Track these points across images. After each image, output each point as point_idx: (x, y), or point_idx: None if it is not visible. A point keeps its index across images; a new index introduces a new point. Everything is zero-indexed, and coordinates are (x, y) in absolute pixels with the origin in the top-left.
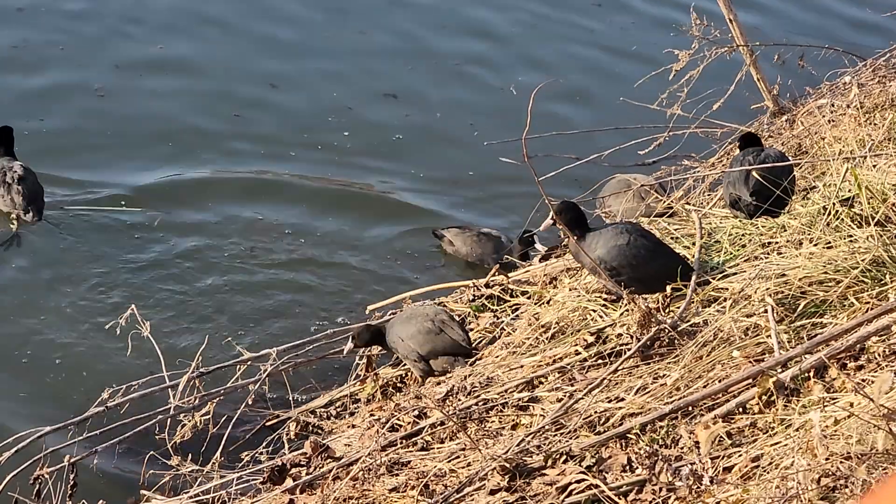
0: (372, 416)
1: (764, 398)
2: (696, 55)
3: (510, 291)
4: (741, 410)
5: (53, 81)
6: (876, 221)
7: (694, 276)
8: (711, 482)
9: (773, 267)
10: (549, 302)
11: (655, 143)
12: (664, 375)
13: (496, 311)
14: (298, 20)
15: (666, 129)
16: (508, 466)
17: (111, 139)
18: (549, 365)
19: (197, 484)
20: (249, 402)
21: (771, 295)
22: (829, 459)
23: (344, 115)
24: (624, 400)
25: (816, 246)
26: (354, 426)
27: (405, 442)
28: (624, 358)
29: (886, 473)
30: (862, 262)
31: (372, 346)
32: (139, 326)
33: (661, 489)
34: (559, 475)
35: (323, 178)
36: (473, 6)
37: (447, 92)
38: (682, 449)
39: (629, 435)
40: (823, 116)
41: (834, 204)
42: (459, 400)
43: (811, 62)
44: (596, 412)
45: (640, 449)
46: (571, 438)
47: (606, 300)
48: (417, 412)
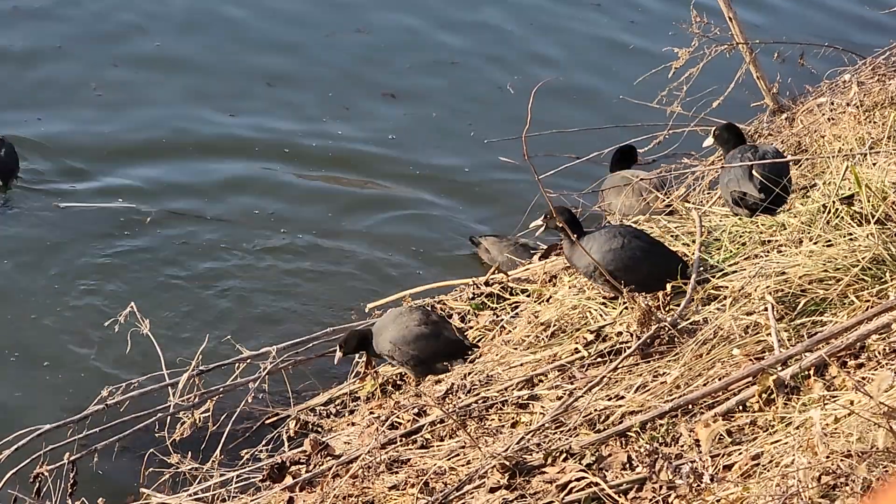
0: (371, 413)
1: (764, 396)
2: (695, 53)
3: (510, 289)
4: (741, 408)
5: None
6: (876, 219)
7: (694, 274)
8: (712, 480)
9: (773, 265)
10: (548, 300)
11: (655, 141)
12: (664, 373)
13: (496, 309)
14: (296, 18)
15: (665, 127)
16: (508, 464)
17: (108, 134)
18: (548, 363)
19: (197, 482)
20: (249, 399)
21: (771, 293)
22: (829, 457)
23: (340, 114)
24: (624, 398)
25: (816, 244)
26: (354, 424)
27: (405, 440)
28: (624, 356)
29: (887, 472)
30: (862, 260)
31: (360, 352)
32: (138, 324)
33: (661, 487)
34: (559, 473)
35: (321, 176)
36: (471, 5)
37: (445, 91)
38: (682, 447)
39: (629, 433)
40: (823, 115)
41: (834, 202)
42: (459, 398)
43: (811, 60)
44: (596, 410)
45: (640, 447)
46: (571, 436)
47: (606, 297)
48: (417, 410)
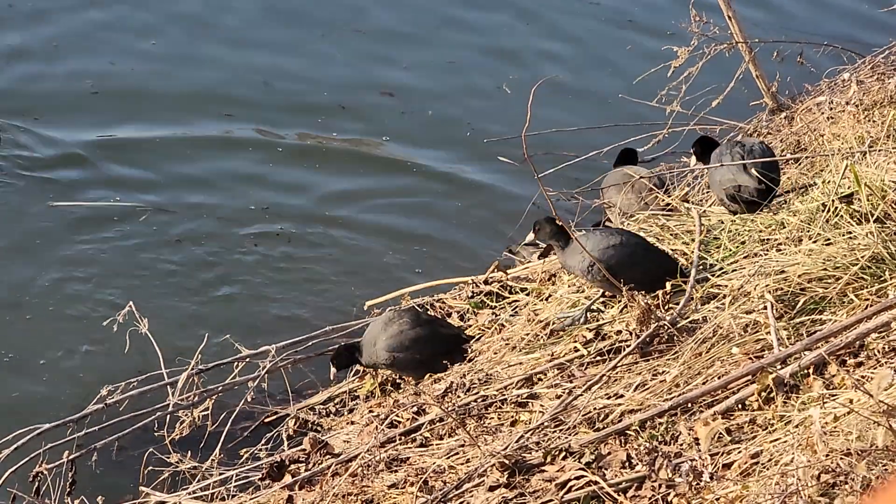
0: (371, 412)
1: (763, 395)
2: (694, 52)
3: (509, 288)
4: (740, 407)
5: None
6: (875, 218)
7: (693, 272)
8: (711, 479)
9: (772, 264)
10: (548, 298)
11: (654, 140)
12: (663, 372)
13: (495, 307)
14: (293, 17)
15: (664, 126)
16: (507, 463)
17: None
18: (548, 361)
19: (196, 481)
20: (248, 398)
21: (770, 292)
22: (828, 456)
23: (337, 113)
24: (623, 396)
25: (816, 243)
26: (353, 423)
27: (404, 438)
28: (623, 354)
29: (886, 470)
30: (861, 258)
31: (352, 365)
32: (137, 323)
33: (660, 486)
34: (558, 472)
35: (318, 175)
36: (468, 4)
37: (442, 89)
38: (681, 445)
39: (628, 431)
40: (822, 113)
41: (833, 201)
42: (458, 396)
43: (810, 59)
44: (595, 409)
45: (639, 445)
46: (570, 435)
47: (604, 296)
48: (416, 409)
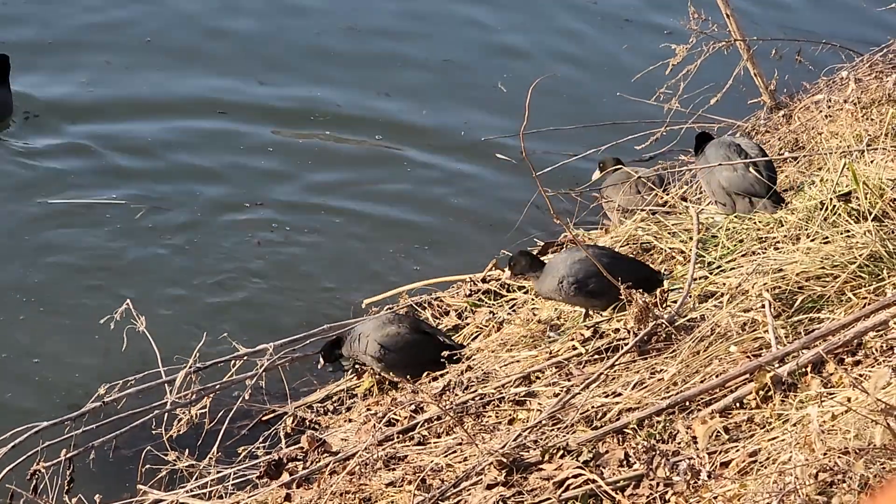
0: (369, 410)
1: (761, 393)
2: (693, 50)
3: (507, 286)
4: (738, 405)
5: None
6: (873, 216)
7: (691, 270)
8: (709, 477)
9: (770, 262)
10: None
11: (652, 138)
12: (661, 370)
13: (493, 306)
14: (287, 16)
15: (663, 124)
16: (505, 461)
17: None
18: (545, 360)
19: (193, 479)
20: (246, 396)
21: (768, 290)
22: (826, 454)
23: (333, 111)
24: (621, 395)
25: (814, 241)
26: (351, 420)
27: (402, 436)
28: (621, 353)
29: (884, 469)
30: (859, 257)
31: (339, 358)
32: (134, 321)
33: (658, 484)
34: (556, 470)
35: (314, 174)
36: (464, 3)
37: (439, 87)
38: (679, 444)
39: (626, 430)
40: (820, 112)
41: (831, 199)
42: (456, 395)
43: (808, 57)
44: (593, 407)
45: (637, 444)
46: (568, 433)
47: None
48: (414, 407)
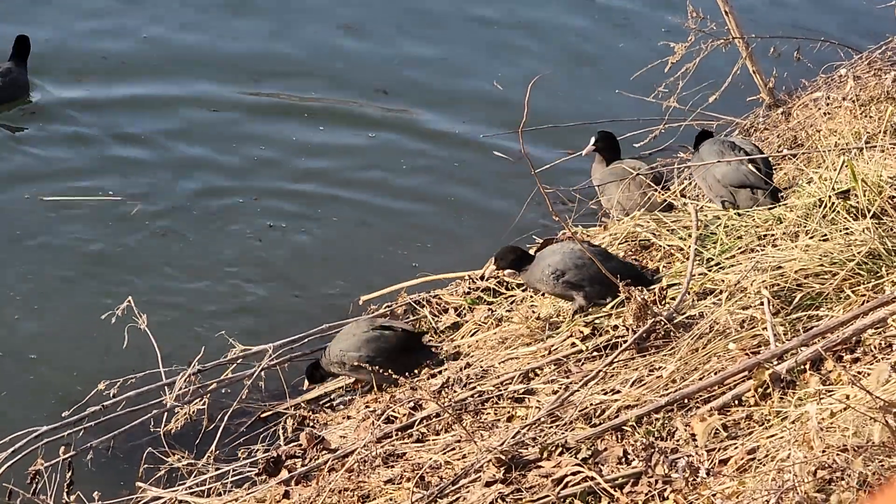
0: (367, 407)
1: (760, 390)
2: (692, 47)
3: (506, 284)
4: (737, 403)
5: None
6: (872, 214)
7: (690, 267)
8: (708, 474)
9: (768, 259)
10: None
11: (651, 135)
12: (660, 368)
13: (492, 303)
14: (282, 14)
15: (661, 121)
16: (504, 458)
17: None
18: (544, 357)
19: (192, 476)
20: (244, 396)
21: (767, 287)
22: (825, 452)
23: (330, 109)
24: (620, 392)
25: (812, 238)
26: (350, 418)
27: (401, 434)
28: (620, 350)
29: (883, 466)
30: (858, 254)
31: (323, 379)
32: (135, 318)
33: (657, 481)
34: (555, 467)
35: (311, 171)
36: (459, 1)
37: (437, 85)
38: (677, 441)
39: (625, 427)
40: (819, 109)
41: (830, 196)
42: (455, 392)
43: (807, 55)
44: (591, 404)
45: (635, 441)
46: (567, 430)
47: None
48: (413, 404)
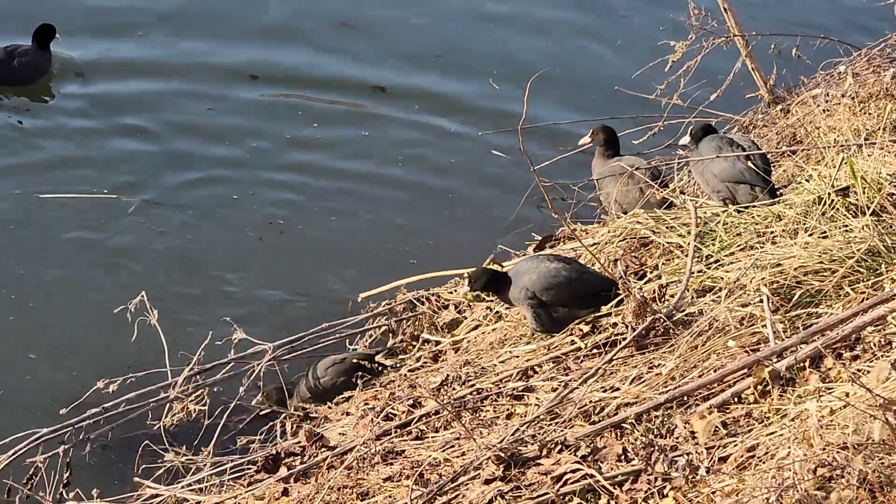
0: (366, 404)
1: (759, 388)
2: (692, 45)
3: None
4: (736, 400)
5: None
6: (871, 211)
7: (689, 264)
8: (707, 472)
9: (768, 256)
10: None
11: (650, 132)
12: (659, 365)
13: (492, 301)
14: (277, 11)
15: (661, 118)
16: (503, 456)
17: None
18: (544, 354)
19: (191, 473)
20: (242, 392)
21: (766, 284)
22: (825, 449)
23: (327, 108)
24: (619, 390)
25: (812, 235)
26: (349, 414)
27: (400, 431)
28: (619, 347)
29: (883, 464)
30: (857, 251)
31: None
32: (146, 314)
33: (656, 479)
34: (554, 465)
35: (309, 169)
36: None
37: (434, 83)
38: (677, 439)
39: (624, 425)
40: (818, 106)
41: (829, 193)
42: (454, 389)
43: (806, 52)
44: (591, 402)
45: (635, 439)
46: (566, 428)
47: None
48: (412, 401)
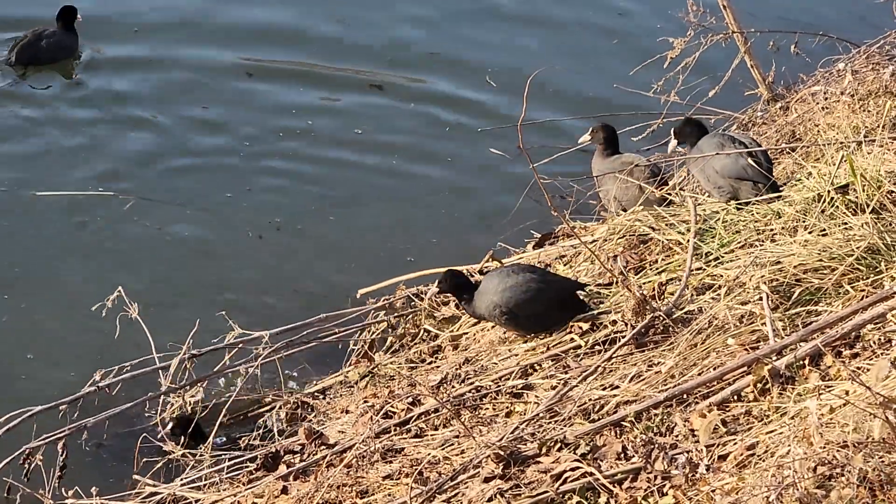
0: (366, 402)
1: (759, 386)
2: (691, 42)
3: None
4: (736, 398)
5: None
6: (871, 209)
7: (689, 262)
8: (707, 470)
9: (767, 254)
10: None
11: (649, 129)
12: (659, 363)
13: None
14: (272, 10)
15: (660, 115)
16: (503, 454)
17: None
18: (543, 352)
19: (189, 468)
20: (239, 384)
21: (766, 282)
22: (825, 448)
23: (324, 106)
24: (618, 387)
25: (811, 233)
26: (348, 412)
27: (399, 429)
28: (618, 345)
29: (883, 462)
30: (857, 249)
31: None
32: (127, 308)
33: (656, 477)
34: (553, 463)
35: (306, 167)
36: None
37: (432, 81)
38: (676, 437)
39: (624, 423)
40: (817, 103)
41: (829, 191)
42: (454, 387)
43: (805, 49)
44: (590, 400)
45: (634, 437)
46: (566, 426)
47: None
48: (411, 399)
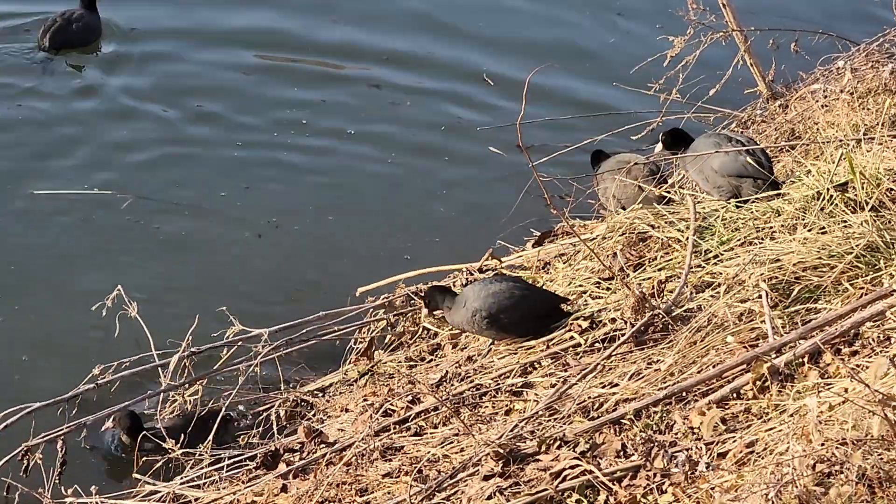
0: (365, 400)
1: (758, 384)
2: (690, 40)
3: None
4: (735, 396)
5: None
6: (870, 207)
7: (688, 260)
8: (706, 468)
9: (767, 252)
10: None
11: (648, 128)
12: (658, 361)
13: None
14: (269, 9)
15: (659, 114)
16: (502, 452)
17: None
18: (542, 350)
19: (189, 467)
20: (241, 381)
21: (765, 280)
22: (824, 445)
23: (321, 106)
24: (618, 385)
25: (811, 231)
26: (348, 410)
27: (398, 427)
28: (618, 343)
29: (882, 460)
30: (856, 247)
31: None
32: (126, 307)
33: (655, 475)
34: (553, 461)
35: (306, 165)
36: None
37: (430, 80)
38: (676, 435)
39: (623, 420)
40: (817, 101)
41: (828, 189)
42: (453, 385)
43: (805, 47)
44: (590, 398)
45: (634, 435)
46: (565, 424)
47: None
48: (411, 397)
